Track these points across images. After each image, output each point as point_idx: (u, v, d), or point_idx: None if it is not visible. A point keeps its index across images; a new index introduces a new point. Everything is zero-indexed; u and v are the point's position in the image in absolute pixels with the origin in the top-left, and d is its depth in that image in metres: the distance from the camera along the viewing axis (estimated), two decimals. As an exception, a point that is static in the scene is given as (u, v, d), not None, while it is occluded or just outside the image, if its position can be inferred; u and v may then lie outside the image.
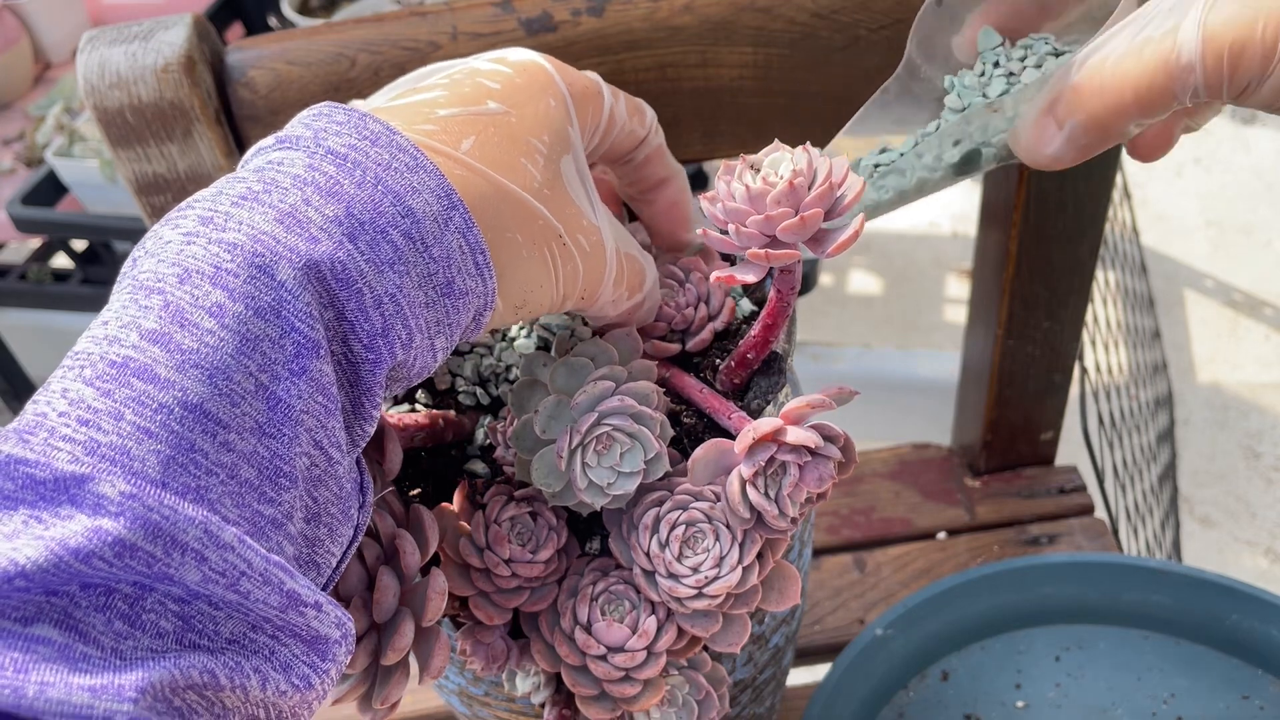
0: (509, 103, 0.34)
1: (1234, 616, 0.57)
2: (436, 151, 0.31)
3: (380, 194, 0.28)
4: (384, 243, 0.28)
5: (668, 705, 0.37)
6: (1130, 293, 1.48)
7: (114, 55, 0.49)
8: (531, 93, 0.35)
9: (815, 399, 0.32)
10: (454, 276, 0.29)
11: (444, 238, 0.29)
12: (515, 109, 0.34)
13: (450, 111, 0.32)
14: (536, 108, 0.34)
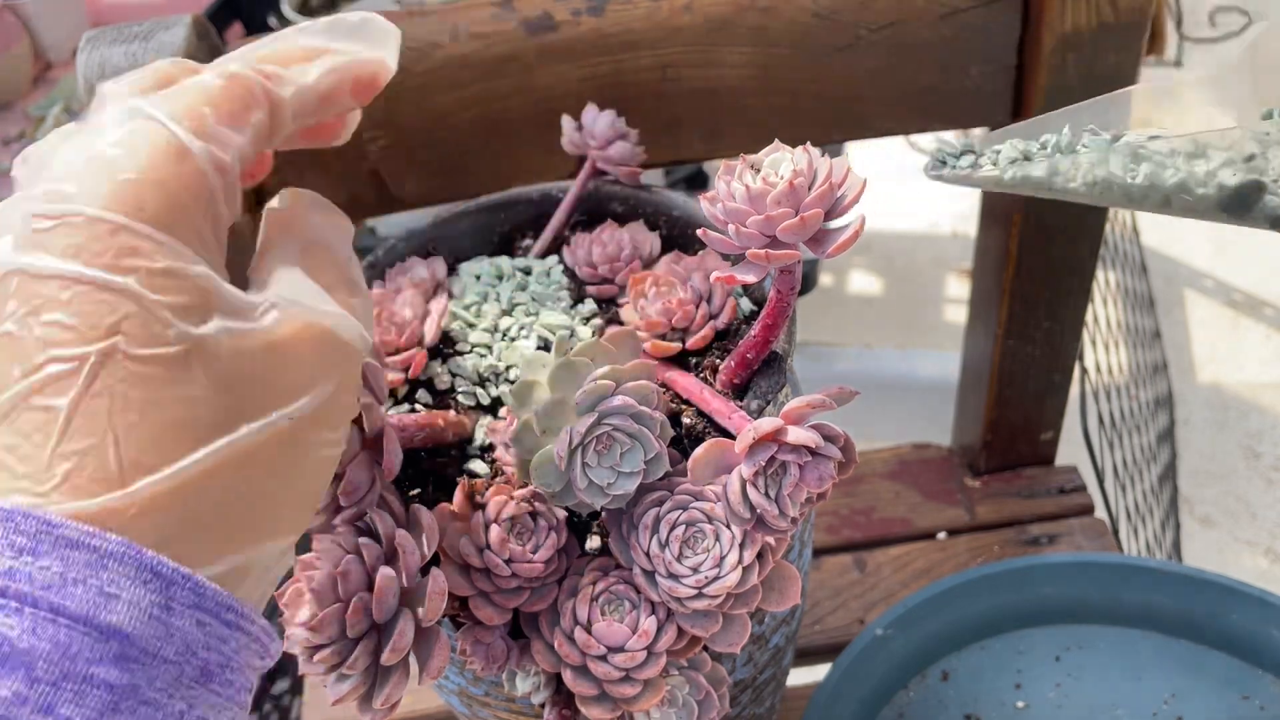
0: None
1: (1234, 616, 0.57)
2: (104, 512, 0.22)
3: (61, 633, 0.20)
4: (91, 692, 0.21)
5: (668, 705, 0.37)
6: (1130, 293, 1.48)
7: (114, 55, 0.49)
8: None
9: (816, 399, 0.32)
10: (209, 660, 0.23)
11: (172, 630, 0.22)
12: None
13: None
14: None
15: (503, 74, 0.53)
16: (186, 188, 0.24)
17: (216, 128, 0.25)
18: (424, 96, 0.53)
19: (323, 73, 0.27)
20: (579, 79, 0.53)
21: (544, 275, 0.45)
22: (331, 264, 0.28)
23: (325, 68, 0.27)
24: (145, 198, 0.23)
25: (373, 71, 0.28)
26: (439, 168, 0.55)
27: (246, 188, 0.27)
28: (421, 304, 0.42)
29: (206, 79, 0.26)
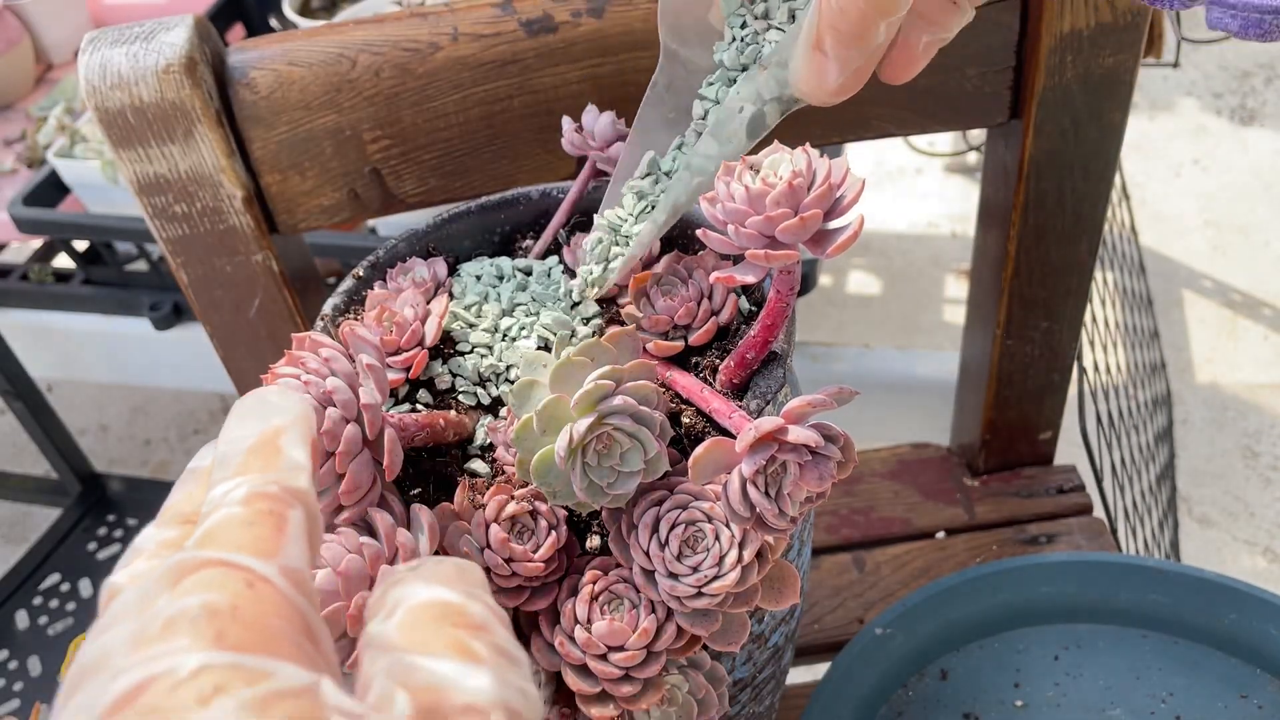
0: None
1: (1232, 616, 0.57)
2: None
3: None
4: None
5: (668, 704, 0.37)
6: (1129, 293, 1.49)
7: (116, 56, 0.49)
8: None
9: (816, 398, 0.32)
10: None
11: None
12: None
13: None
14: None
15: (503, 74, 0.53)
16: (267, 606, 0.22)
17: (274, 538, 0.23)
18: (424, 97, 0.53)
19: (306, 455, 0.25)
20: (579, 79, 0.53)
21: (544, 275, 0.45)
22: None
23: (301, 449, 0.25)
24: (225, 630, 0.21)
25: (313, 428, 0.26)
26: (439, 168, 0.55)
27: None
28: (422, 304, 0.42)
29: (228, 511, 0.23)
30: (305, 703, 0.20)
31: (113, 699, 0.19)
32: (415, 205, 0.57)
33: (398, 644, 0.22)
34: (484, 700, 0.21)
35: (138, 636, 0.20)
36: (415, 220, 0.48)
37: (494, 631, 0.23)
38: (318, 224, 0.56)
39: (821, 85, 0.35)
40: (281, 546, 0.23)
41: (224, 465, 0.25)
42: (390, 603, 0.24)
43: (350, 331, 0.35)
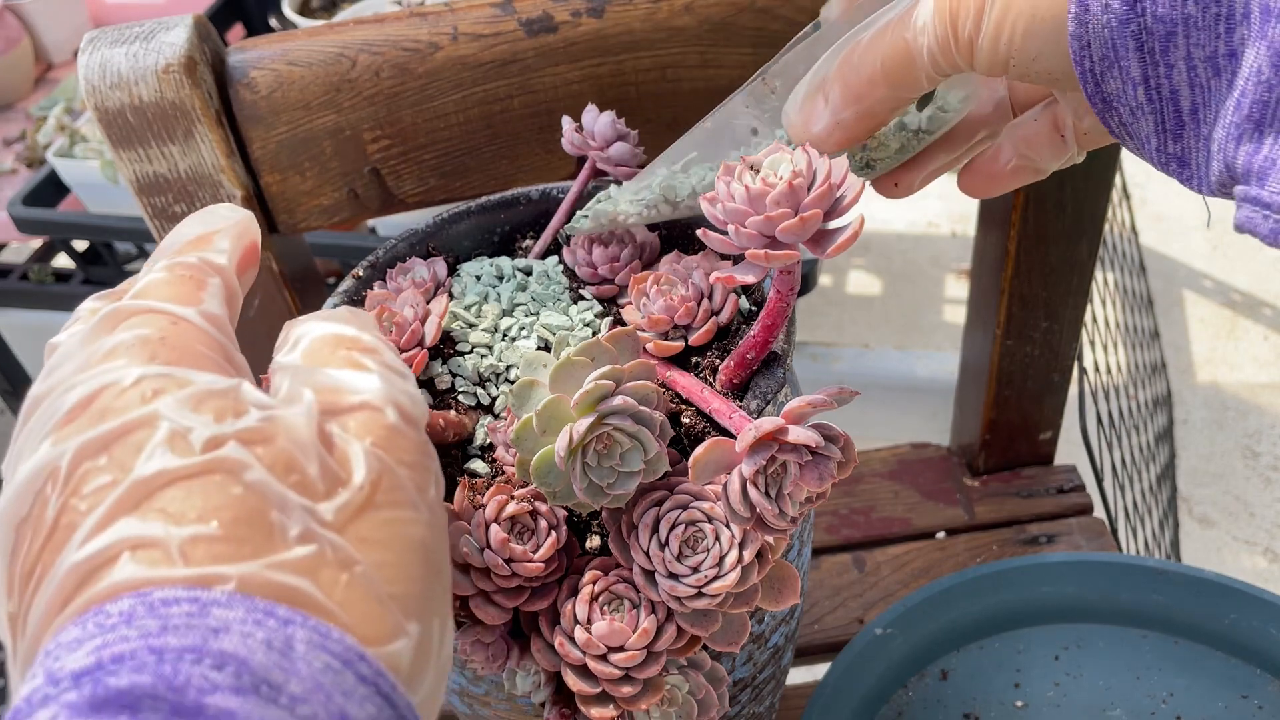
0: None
1: (1232, 616, 0.57)
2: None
3: (166, 666, 0.20)
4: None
5: (668, 704, 0.37)
6: (1129, 293, 1.49)
7: (115, 56, 0.49)
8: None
9: (816, 398, 0.32)
10: (347, 710, 0.22)
11: (295, 663, 0.21)
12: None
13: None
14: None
15: (503, 74, 0.53)
16: (190, 337, 0.26)
17: (194, 293, 0.28)
18: (424, 97, 0.53)
19: (228, 245, 0.30)
20: (579, 80, 0.53)
21: (544, 276, 0.45)
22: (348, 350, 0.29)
23: (226, 240, 0.30)
24: (156, 353, 0.25)
25: (252, 234, 0.32)
26: (439, 168, 0.55)
27: None
28: (422, 304, 0.42)
29: (152, 276, 0.28)
30: (229, 399, 0.24)
31: (67, 409, 0.24)
32: (415, 205, 0.57)
33: (302, 365, 0.27)
34: (376, 399, 0.26)
35: (83, 364, 0.25)
36: (415, 220, 0.48)
37: (383, 353, 0.28)
38: (317, 224, 0.56)
39: (806, 128, 0.35)
40: (201, 299, 0.27)
41: (162, 252, 0.29)
42: (293, 338, 0.29)
43: (350, 331, 0.35)
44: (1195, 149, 0.28)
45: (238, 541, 0.22)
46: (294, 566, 0.22)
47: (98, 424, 0.23)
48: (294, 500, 0.23)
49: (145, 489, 0.22)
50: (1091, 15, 0.27)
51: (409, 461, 0.26)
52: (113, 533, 0.22)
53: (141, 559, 0.22)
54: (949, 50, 0.31)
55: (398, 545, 0.25)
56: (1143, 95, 0.27)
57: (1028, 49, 0.29)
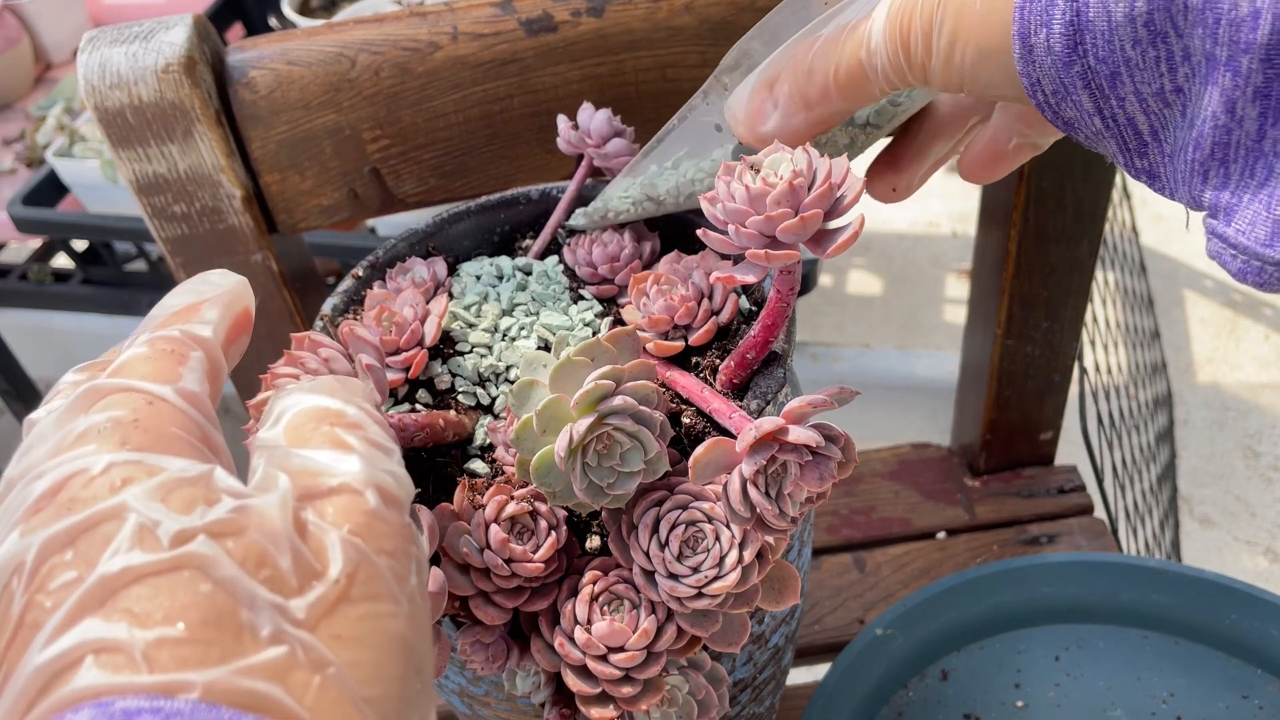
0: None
1: (1233, 616, 0.57)
2: None
3: None
4: None
5: (668, 705, 0.37)
6: (1130, 293, 1.49)
7: (115, 55, 0.49)
8: None
9: (816, 398, 0.32)
10: None
11: None
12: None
13: None
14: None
15: (503, 74, 0.53)
16: (165, 419, 0.25)
17: (173, 369, 0.27)
18: (424, 97, 0.53)
19: (217, 316, 0.29)
20: (579, 79, 0.53)
21: (544, 275, 0.45)
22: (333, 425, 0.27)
23: (215, 310, 0.29)
24: (129, 437, 0.24)
25: (245, 302, 0.30)
26: (439, 167, 0.55)
27: None
28: (422, 304, 0.42)
29: (132, 351, 0.27)
30: (200, 487, 0.23)
31: (35, 496, 0.23)
32: (415, 205, 0.57)
33: (282, 443, 0.26)
34: (355, 481, 0.25)
35: (55, 448, 0.24)
36: (415, 220, 0.48)
37: (367, 428, 0.27)
38: (317, 224, 0.56)
39: (752, 127, 0.35)
40: (180, 375, 0.26)
41: (148, 323, 0.28)
42: (277, 412, 0.27)
43: (350, 331, 0.35)
44: (1161, 164, 0.28)
45: (205, 644, 0.21)
46: (262, 671, 0.21)
47: (65, 516, 0.23)
48: (264, 597, 0.22)
49: (110, 587, 0.22)
50: (1036, 55, 0.27)
51: (389, 549, 0.25)
52: (76, 634, 0.21)
53: (104, 664, 0.21)
54: (902, 72, 0.31)
55: (374, 642, 0.23)
56: (1100, 123, 0.28)
57: (979, 77, 0.29)
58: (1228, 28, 0.24)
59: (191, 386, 0.26)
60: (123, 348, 0.28)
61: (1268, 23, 0.23)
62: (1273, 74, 0.24)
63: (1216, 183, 0.26)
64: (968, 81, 0.29)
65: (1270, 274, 0.26)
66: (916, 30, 0.29)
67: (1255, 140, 0.25)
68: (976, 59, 0.29)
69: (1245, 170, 0.25)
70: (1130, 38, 0.25)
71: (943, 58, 0.29)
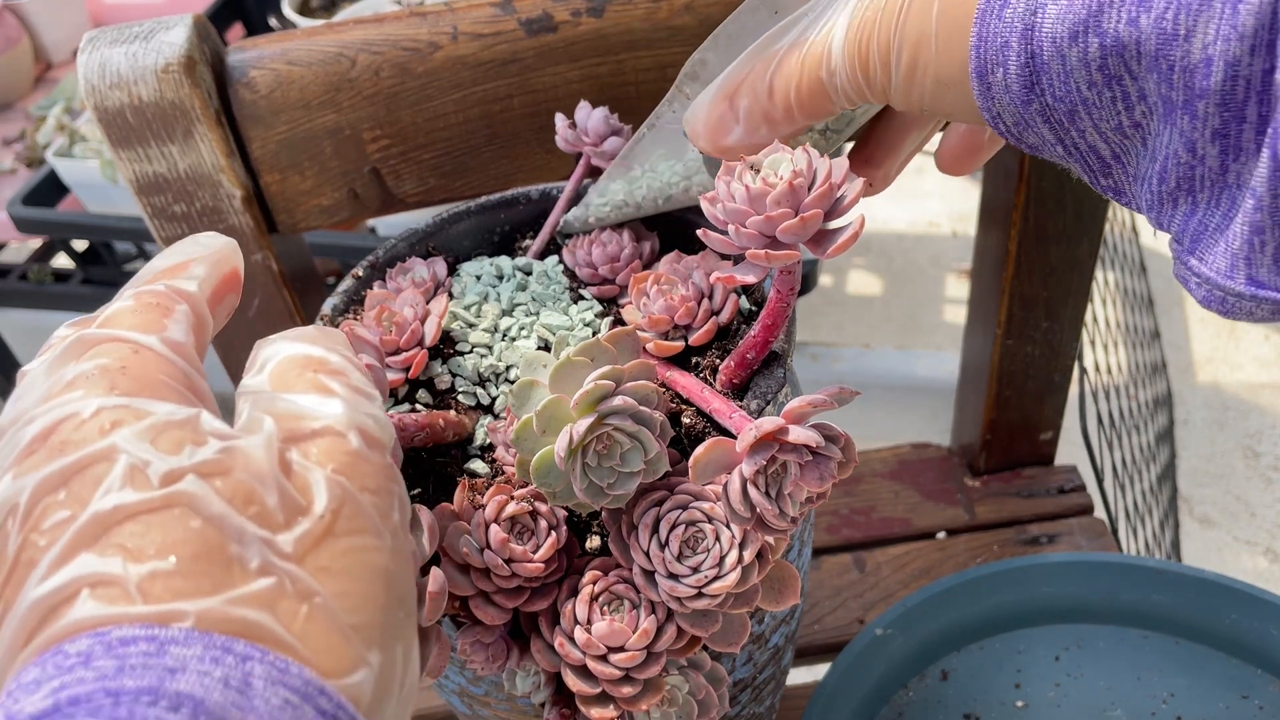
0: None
1: (1233, 616, 0.57)
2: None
3: (122, 710, 0.20)
4: None
5: (668, 705, 0.37)
6: (1130, 293, 1.49)
7: (115, 55, 0.49)
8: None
9: (817, 398, 0.32)
10: None
11: (253, 700, 0.21)
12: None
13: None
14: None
15: (503, 74, 0.53)
16: (152, 366, 0.26)
17: (158, 320, 0.27)
18: (424, 96, 0.53)
19: (203, 272, 0.30)
20: (579, 79, 0.53)
21: (544, 275, 0.45)
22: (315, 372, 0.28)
23: (201, 267, 0.30)
24: (116, 383, 0.25)
25: (233, 262, 0.31)
26: (439, 167, 0.55)
27: None
28: (422, 304, 0.42)
29: (119, 304, 0.28)
30: (187, 429, 0.24)
31: (28, 440, 0.24)
32: (415, 205, 0.57)
33: (266, 389, 0.27)
34: (338, 423, 0.26)
35: (45, 394, 0.25)
36: (415, 220, 0.48)
37: (350, 375, 0.28)
38: (317, 224, 0.56)
39: (713, 139, 0.35)
40: (165, 326, 0.27)
41: (137, 280, 0.29)
42: (261, 359, 0.28)
43: (350, 331, 0.35)
44: (1126, 183, 0.28)
45: (196, 576, 0.22)
46: (253, 600, 0.22)
47: (56, 458, 0.23)
48: (252, 532, 0.23)
49: (103, 524, 0.22)
50: (995, 92, 0.27)
51: (372, 487, 0.26)
52: (71, 569, 0.22)
53: (100, 596, 0.22)
54: (863, 93, 0.31)
55: (359, 573, 0.24)
56: (1062, 151, 0.28)
57: (940, 104, 0.29)
58: (1181, 74, 0.24)
59: (177, 336, 0.27)
60: (108, 305, 0.28)
61: (1220, 69, 0.23)
62: (1229, 116, 0.24)
63: (1184, 211, 0.26)
64: (928, 107, 0.30)
65: (1232, 303, 0.26)
66: (874, 56, 0.30)
67: (1218, 174, 0.25)
68: (936, 89, 0.29)
69: (1211, 201, 0.25)
70: (1085, 80, 0.26)
71: (902, 84, 0.29)
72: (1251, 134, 0.24)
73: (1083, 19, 0.25)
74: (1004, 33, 0.26)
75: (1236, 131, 0.24)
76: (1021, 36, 0.26)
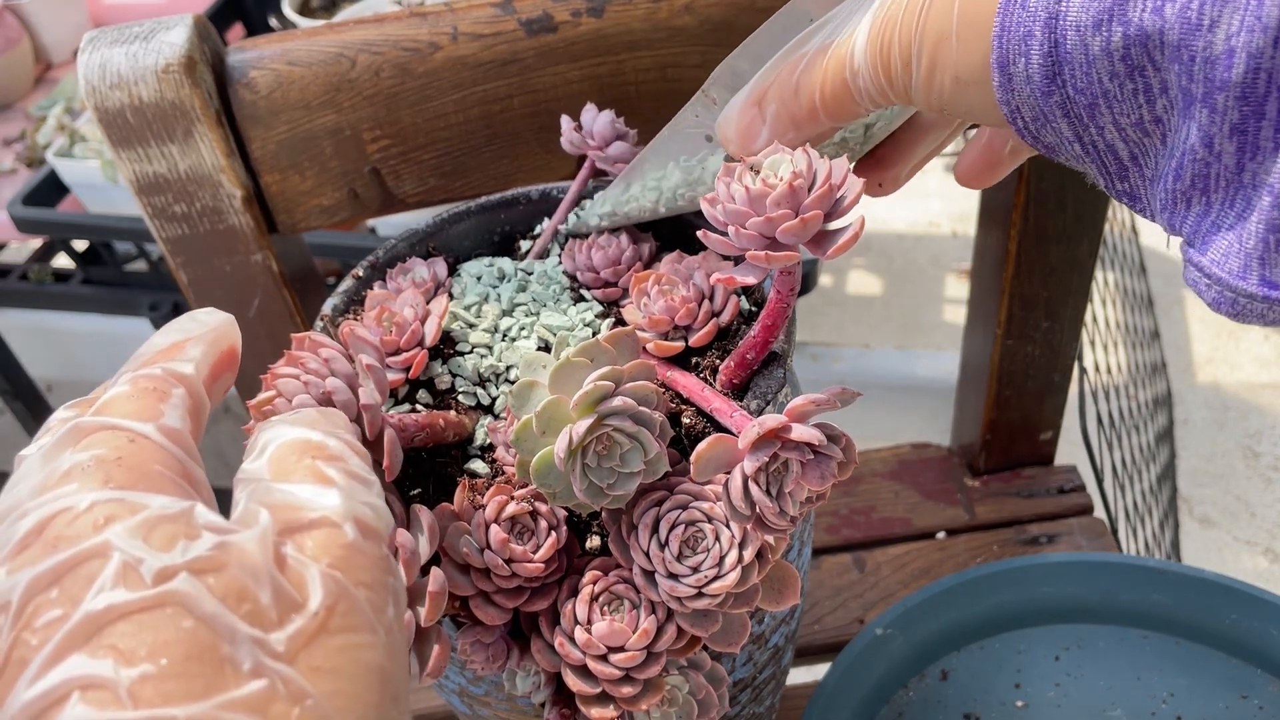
0: None
1: (1233, 616, 0.57)
2: None
3: None
4: None
5: (668, 705, 0.37)
6: (1129, 293, 1.49)
7: (115, 56, 0.49)
8: None
9: (819, 397, 0.32)
10: None
11: None
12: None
13: None
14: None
15: (503, 74, 0.53)
16: (147, 456, 0.26)
17: (155, 407, 0.27)
18: (424, 97, 0.53)
19: (199, 354, 0.30)
20: (579, 79, 0.53)
21: (544, 276, 0.45)
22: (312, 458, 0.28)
23: (198, 348, 0.30)
24: (111, 475, 0.25)
25: (230, 340, 0.31)
26: (439, 168, 0.55)
27: None
28: (422, 304, 0.42)
29: (116, 389, 0.28)
30: (181, 523, 0.24)
31: (21, 534, 0.24)
32: (415, 205, 0.57)
33: (264, 476, 0.27)
34: (335, 515, 0.26)
35: (40, 486, 0.25)
36: (415, 220, 0.48)
37: (348, 460, 0.28)
38: (317, 224, 0.56)
39: (744, 144, 0.35)
40: (161, 413, 0.27)
41: (133, 362, 0.29)
42: (260, 444, 0.28)
43: (350, 332, 0.35)
44: (1142, 187, 0.28)
45: (188, 678, 0.22)
46: (244, 704, 0.22)
47: (50, 554, 0.23)
48: (245, 632, 0.23)
49: (95, 624, 0.22)
50: (1015, 84, 0.27)
51: (367, 581, 0.25)
52: (62, 670, 0.22)
53: (91, 700, 0.21)
54: (885, 93, 0.31)
55: (352, 672, 0.24)
56: (1080, 149, 0.28)
57: (959, 103, 0.29)
58: (1203, 65, 0.24)
59: (173, 423, 0.27)
60: (106, 386, 0.28)
61: (1242, 61, 0.23)
62: (1248, 111, 0.24)
63: (1196, 212, 0.26)
64: (948, 106, 0.30)
65: (1243, 305, 0.26)
66: (895, 55, 0.30)
67: (1234, 173, 0.25)
68: (955, 88, 0.29)
69: (1225, 201, 0.25)
70: (1108, 70, 0.25)
71: (923, 82, 0.29)
72: (1270, 132, 0.24)
73: (1107, 7, 0.25)
74: (1027, 22, 0.26)
75: (1255, 128, 0.24)
76: (1045, 25, 0.26)
